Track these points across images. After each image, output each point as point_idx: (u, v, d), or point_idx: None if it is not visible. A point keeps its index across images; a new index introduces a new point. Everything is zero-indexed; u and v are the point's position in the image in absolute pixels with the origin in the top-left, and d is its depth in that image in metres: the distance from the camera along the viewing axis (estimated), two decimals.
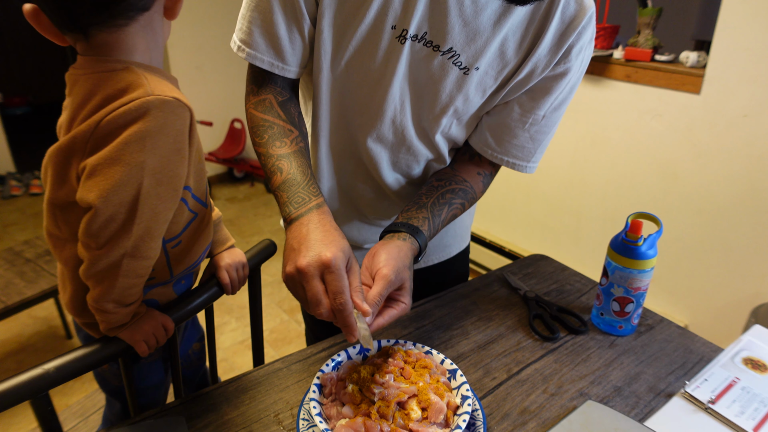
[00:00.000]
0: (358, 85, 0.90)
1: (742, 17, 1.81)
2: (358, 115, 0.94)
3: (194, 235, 0.90)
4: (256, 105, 0.89)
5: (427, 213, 0.91)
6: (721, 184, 1.98)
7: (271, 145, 0.84)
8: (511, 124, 0.95)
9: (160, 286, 0.92)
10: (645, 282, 0.95)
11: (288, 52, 0.87)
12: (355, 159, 0.99)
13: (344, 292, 0.68)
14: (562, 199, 2.53)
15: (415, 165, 1.01)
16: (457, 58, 0.86)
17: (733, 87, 1.89)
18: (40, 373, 0.72)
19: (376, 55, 0.86)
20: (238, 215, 3.80)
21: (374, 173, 1.00)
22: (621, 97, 2.20)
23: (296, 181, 0.79)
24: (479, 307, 1.05)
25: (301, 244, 0.71)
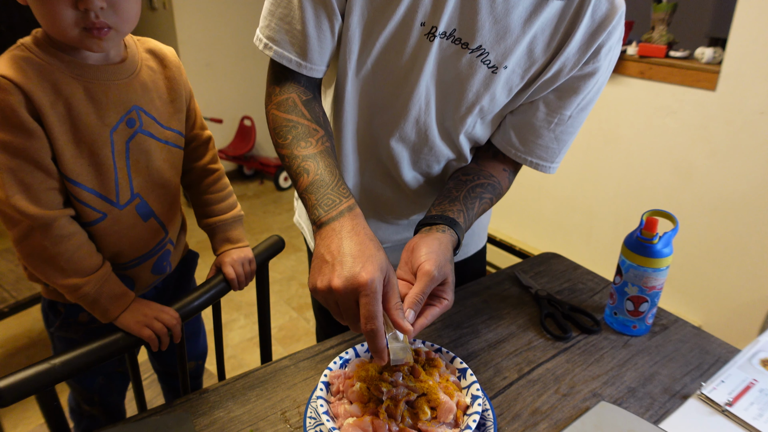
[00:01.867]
0: (383, 83, 0.88)
1: (760, 13, 1.78)
2: (381, 113, 0.92)
3: (113, 237, 0.90)
4: (278, 105, 0.84)
5: (461, 205, 0.89)
6: (736, 182, 1.95)
7: (295, 146, 0.79)
8: (536, 124, 0.93)
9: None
10: (660, 281, 0.93)
11: (316, 50, 0.84)
12: (375, 158, 0.98)
13: (377, 317, 0.64)
14: (573, 198, 2.50)
15: (435, 164, 0.99)
16: (486, 56, 0.84)
17: (750, 84, 1.85)
18: (46, 367, 0.71)
19: (404, 52, 0.84)
20: (248, 212, 3.80)
21: (394, 172, 0.99)
22: (635, 94, 2.17)
23: (324, 182, 0.74)
24: (490, 306, 1.04)
25: (334, 258, 0.66)
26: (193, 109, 1.00)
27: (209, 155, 1.04)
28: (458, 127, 0.93)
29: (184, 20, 3.84)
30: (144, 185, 0.91)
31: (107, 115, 0.84)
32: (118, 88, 0.85)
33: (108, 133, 0.84)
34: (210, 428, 0.75)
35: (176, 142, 0.96)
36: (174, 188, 0.98)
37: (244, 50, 4.09)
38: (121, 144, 0.87)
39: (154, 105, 0.91)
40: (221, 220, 1.04)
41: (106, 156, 0.85)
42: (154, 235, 0.96)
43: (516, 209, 2.77)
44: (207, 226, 1.05)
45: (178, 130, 0.95)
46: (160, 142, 0.92)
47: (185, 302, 0.90)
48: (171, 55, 0.96)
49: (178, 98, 0.95)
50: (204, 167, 1.03)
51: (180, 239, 1.07)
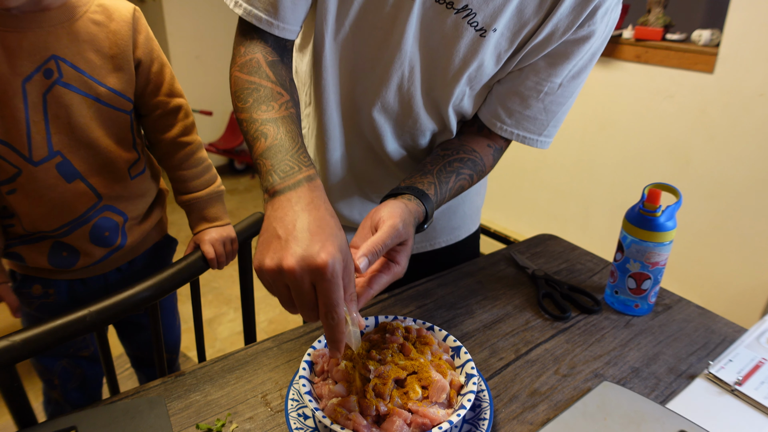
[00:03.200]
0: (363, 46, 0.82)
1: None
2: (362, 80, 0.86)
3: (33, 195, 0.85)
4: (241, 67, 0.77)
5: (433, 179, 0.82)
6: (735, 166, 1.91)
7: (255, 110, 0.71)
8: (524, 93, 0.87)
9: (26, 242, 0.88)
10: (663, 256, 0.88)
11: (289, 8, 0.77)
12: (358, 130, 0.92)
13: (339, 305, 0.56)
14: (569, 186, 2.46)
15: (420, 137, 0.93)
16: (473, 17, 0.77)
17: (749, 65, 1.81)
18: (5, 344, 0.66)
19: (383, 11, 0.78)
20: (239, 207, 3.74)
21: (376, 145, 0.93)
22: (631, 78, 2.13)
23: (283, 148, 0.65)
24: (485, 287, 0.99)
25: (288, 234, 0.57)
26: (158, 74, 0.94)
27: (179, 126, 0.97)
28: (445, 98, 0.87)
29: (173, 12, 3.78)
30: (66, 143, 0.86)
31: (20, 64, 0.80)
32: (37, 36, 0.80)
33: (20, 83, 0.80)
34: (185, 412, 0.69)
35: (112, 102, 0.89)
36: (110, 152, 0.91)
37: (233, 43, 4.02)
38: (37, 96, 0.82)
39: (84, 57, 0.85)
40: (196, 197, 0.98)
41: (18, 107, 0.81)
42: (82, 198, 0.89)
43: (511, 199, 2.73)
44: (182, 203, 0.99)
45: (118, 90, 0.89)
46: (87, 97, 0.86)
47: (159, 279, 0.84)
48: (123, 11, 0.89)
49: (121, 54, 0.88)
50: (174, 140, 0.97)
51: (148, 217, 1.00)
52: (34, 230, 0.89)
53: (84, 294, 0.96)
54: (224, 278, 2.78)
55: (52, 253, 0.91)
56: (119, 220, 0.95)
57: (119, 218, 0.95)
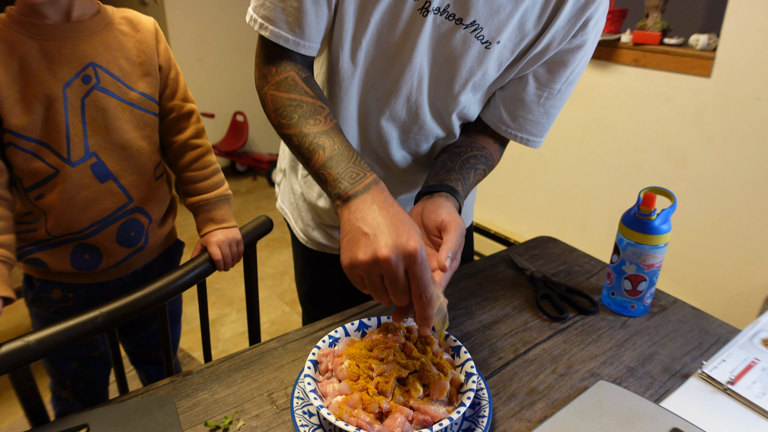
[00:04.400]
0: (376, 60, 0.86)
1: None
2: (372, 91, 0.89)
3: (65, 195, 0.89)
4: (277, 85, 0.80)
5: (457, 175, 0.88)
6: (732, 169, 1.93)
7: (304, 125, 0.75)
8: (526, 99, 0.93)
9: (48, 247, 0.92)
10: (658, 259, 0.91)
11: (313, 27, 0.80)
12: (364, 137, 0.96)
13: (429, 285, 0.63)
14: (568, 188, 2.48)
15: (424, 143, 0.98)
16: (480, 31, 0.82)
17: (745, 69, 1.83)
18: (20, 345, 0.68)
19: (397, 28, 0.81)
20: (240, 209, 3.76)
21: (382, 151, 0.97)
22: (629, 82, 2.15)
23: (344, 156, 0.72)
24: (484, 288, 1.01)
25: (375, 229, 0.63)
26: (175, 80, 0.99)
27: (191, 129, 1.01)
28: (450, 106, 0.91)
29: (176, 15, 3.80)
30: (102, 144, 0.90)
31: (60, 70, 0.85)
32: (75, 44, 0.86)
33: (61, 88, 0.85)
34: (193, 410, 0.72)
35: (143, 105, 0.94)
36: (141, 153, 0.95)
37: (235, 45, 4.05)
38: (76, 99, 0.87)
39: (117, 64, 0.90)
40: (204, 199, 1.01)
41: (59, 111, 0.85)
42: (112, 198, 0.93)
43: (510, 200, 2.75)
44: (190, 205, 1.02)
45: (147, 94, 0.94)
46: (123, 102, 0.91)
47: (168, 281, 0.87)
48: (146, 23, 0.96)
49: (148, 61, 0.94)
50: (185, 142, 1.00)
51: (166, 221, 1.04)
52: (59, 233, 0.92)
53: (101, 297, 0.98)
54: (227, 280, 2.80)
55: (75, 255, 0.94)
56: (145, 222, 0.99)
57: (146, 220, 0.99)
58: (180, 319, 1.20)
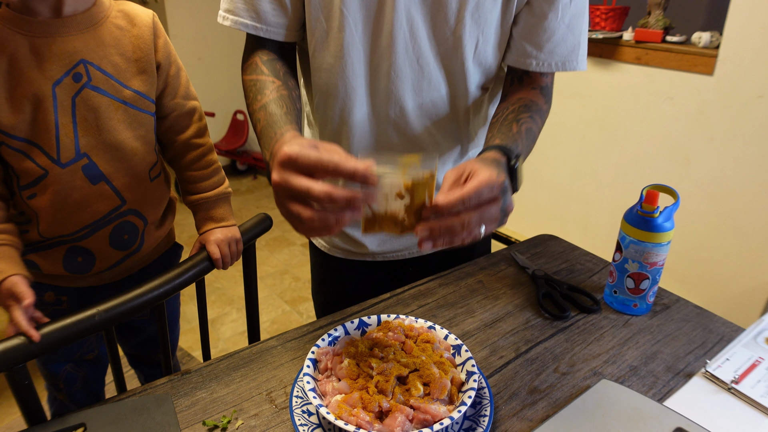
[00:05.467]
0: (365, 24, 0.85)
1: None
2: (372, 57, 0.88)
3: (56, 197, 0.87)
4: (245, 70, 0.88)
5: (497, 133, 0.83)
6: (735, 167, 1.92)
7: (254, 102, 0.81)
8: (542, 21, 0.87)
9: (40, 249, 0.91)
10: (661, 257, 0.90)
11: (269, 13, 0.85)
12: (376, 108, 0.93)
13: (332, 158, 0.58)
14: (570, 187, 2.47)
15: (441, 103, 0.94)
16: None
17: (748, 67, 1.82)
18: (17, 343, 0.67)
19: None
20: (241, 207, 3.76)
21: (400, 120, 0.93)
22: (631, 80, 2.14)
23: (272, 121, 0.74)
24: (485, 286, 1.00)
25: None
26: (176, 77, 0.96)
27: (194, 128, 0.99)
28: (456, 48, 0.88)
29: (176, 14, 3.79)
30: (93, 145, 0.88)
31: (50, 68, 0.83)
32: (65, 41, 0.84)
33: (50, 87, 0.83)
34: (191, 409, 0.71)
35: (138, 104, 0.91)
36: (134, 154, 0.93)
37: (235, 44, 4.04)
38: (66, 98, 0.85)
39: (110, 60, 0.88)
40: (204, 197, 0.99)
41: (48, 111, 0.83)
42: (104, 200, 0.91)
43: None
44: (190, 203, 1.01)
45: (142, 92, 0.91)
46: (116, 100, 0.89)
47: (167, 279, 0.86)
48: (144, 16, 0.92)
49: (144, 58, 0.91)
50: (187, 141, 0.99)
51: (164, 223, 1.02)
52: (51, 235, 0.90)
53: (96, 301, 0.97)
54: (227, 279, 2.79)
55: (67, 258, 0.92)
56: (140, 225, 0.97)
57: (140, 222, 0.97)
58: (178, 320, 1.19)
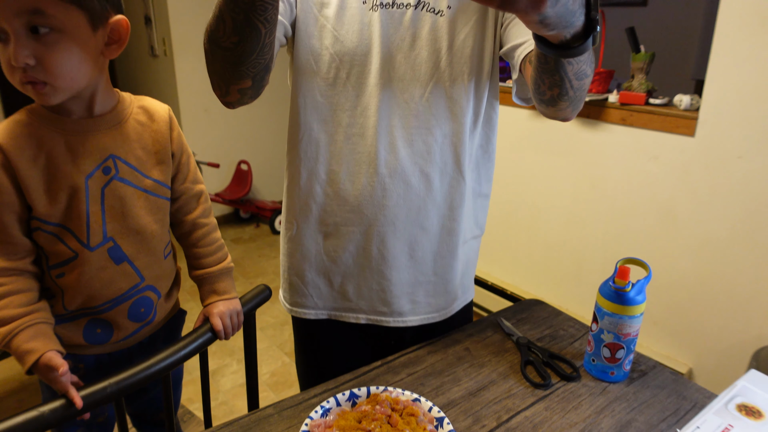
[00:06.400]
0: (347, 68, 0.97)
1: (733, 61, 1.86)
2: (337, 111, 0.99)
3: (84, 276, 0.94)
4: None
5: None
6: (718, 224, 1.99)
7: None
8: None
9: (62, 321, 0.97)
10: (635, 328, 0.96)
11: None
12: (372, 148, 1.00)
13: None
14: (562, 241, 2.54)
15: (431, 140, 1.01)
16: (429, 6, 0.96)
17: (726, 129, 1.92)
18: (35, 415, 0.73)
19: (353, 29, 0.95)
20: (243, 256, 3.82)
21: (391, 157, 1.01)
22: (617, 139, 2.24)
23: None
24: (472, 353, 1.06)
25: None
26: (186, 164, 1.05)
27: (200, 209, 1.08)
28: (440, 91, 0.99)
29: (184, 67, 3.95)
30: (118, 230, 0.96)
31: (83, 162, 0.91)
32: (96, 138, 0.93)
33: (83, 180, 0.92)
34: None
35: (157, 191, 1.00)
36: (153, 236, 1.01)
37: None
38: (96, 190, 0.93)
39: (134, 154, 0.97)
40: (208, 272, 1.07)
41: (81, 200, 0.92)
42: (126, 279, 0.99)
43: (506, 253, 2.81)
44: (195, 278, 1.08)
45: (160, 180, 1.00)
46: (139, 189, 0.97)
47: (172, 351, 0.93)
48: (161, 111, 1.02)
49: (162, 150, 1.00)
50: (194, 221, 1.07)
51: (171, 294, 1.10)
52: (75, 308, 0.97)
53: (110, 365, 1.03)
54: None
55: (88, 329, 0.99)
56: (154, 298, 1.04)
57: (155, 296, 1.04)
58: (181, 382, 1.24)
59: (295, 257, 1.12)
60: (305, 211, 1.07)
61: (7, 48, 0.80)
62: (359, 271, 1.08)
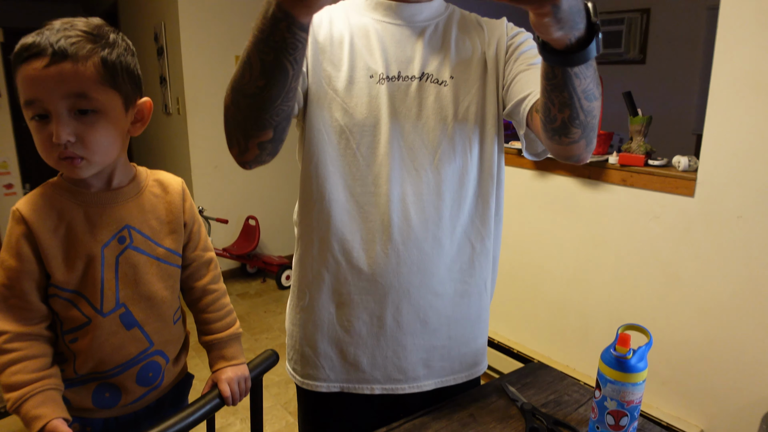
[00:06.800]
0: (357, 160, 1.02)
1: (727, 124, 1.92)
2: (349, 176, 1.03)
3: (95, 341, 0.97)
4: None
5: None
6: (722, 284, 2.00)
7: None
8: (522, 76, 1.01)
9: (72, 385, 0.99)
10: (638, 395, 0.96)
11: None
12: (385, 216, 1.03)
13: None
14: (568, 300, 2.54)
15: (447, 194, 1.05)
16: (432, 77, 1.02)
17: (725, 190, 1.96)
18: None
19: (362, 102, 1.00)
20: (249, 311, 3.82)
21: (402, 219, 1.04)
22: (618, 199, 2.28)
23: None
24: (476, 420, 1.06)
25: None
26: (197, 233, 1.10)
27: (210, 276, 1.12)
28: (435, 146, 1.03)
29: (196, 125, 4.08)
30: (131, 296, 1.00)
31: (101, 232, 0.96)
32: (113, 210, 0.98)
33: (99, 249, 0.96)
34: None
35: (168, 260, 1.05)
36: (163, 302, 1.04)
37: None
38: (112, 258, 0.97)
39: (148, 224, 1.02)
40: (217, 338, 1.10)
41: (96, 268, 0.96)
42: (136, 344, 1.01)
43: (513, 312, 2.81)
44: (205, 343, 1.11)
45: (172, 249, 1.05)
46: (151, 257, 1.01)
47: (181, 417, 0.94)
48: (175, 184, 1.08)
49: (175, 220, 1.05)
50: (204, 287, 1.11)
51: (179, 358, 1.12)
52: (85, 373, 1.00)
53: (117, 430, 1.05)
54: None
55: (96, 394, 1.01)
56: (163, 363, 1.07)
57: (163, 361, 1.07)
58: None
59: (307, 328, 1.12)
60: (318, 281, 1.08)
61: (46, 127, 0.87)
62: (374, 341, 1.08)
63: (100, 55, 0.88)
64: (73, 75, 0.85)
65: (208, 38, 4.03)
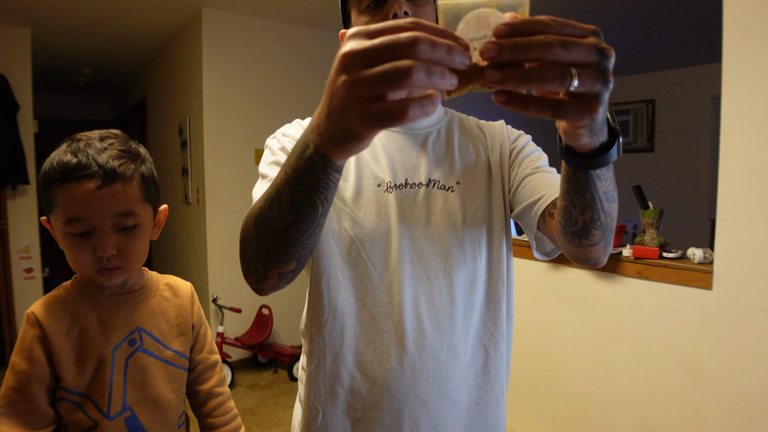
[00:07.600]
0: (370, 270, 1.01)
1: (740, 216, 1.93)
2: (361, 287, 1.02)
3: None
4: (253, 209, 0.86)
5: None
6: (748, 379, 1.93)
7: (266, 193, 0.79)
8: (529, 180, 1.02)
9: None
10: None
11: None
12: (399, 327, 1.00)
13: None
14: (588, 397, 2.46)
15: (452, 307, 1.03)
16: (438, 183, 1.04)
17: (743, 282, 1.94)
18: None
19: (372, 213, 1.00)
20: (258, 404, 3.72)
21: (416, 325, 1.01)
22: (635, 292, 2.26)
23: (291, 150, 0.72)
24: None
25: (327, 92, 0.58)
26: (204, 335, 1.11)
27: (215, 379, 1.12)
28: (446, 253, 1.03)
29: (214, 214, 4.19)
30: (137, 399, 0.99)
31: (112, 335, 0.97)
32: (126, 312, 1.00)
33: (110, 351, 0.97)
34: None
35: (176, 362, 1.05)
36: (169, 406, 1.04)
37: None
38: (121, 360, 0.98)
39: (158, 327, 1.03)
40: None
41: (106, 371, 0.96)
42: None
43: (533, 409, 2.71)
44: None
45: (180, 351, 1.06)
46: (160, 360, 1.02)
47: None
48: (185, 288, 1.11)
49: (183, 323, 1.07)
50: (210, 391, 1.11)
51: None
52: None
53: None
54: None
55: None
56: None
57: None
58: None
59: None
60: (332, 397, 1.02)
61: (87, 241, 0.91)
62: None
63: (140, 171, 0.94)
64: (123, 195, 0.90)
65: (229, 132, 4.23)
